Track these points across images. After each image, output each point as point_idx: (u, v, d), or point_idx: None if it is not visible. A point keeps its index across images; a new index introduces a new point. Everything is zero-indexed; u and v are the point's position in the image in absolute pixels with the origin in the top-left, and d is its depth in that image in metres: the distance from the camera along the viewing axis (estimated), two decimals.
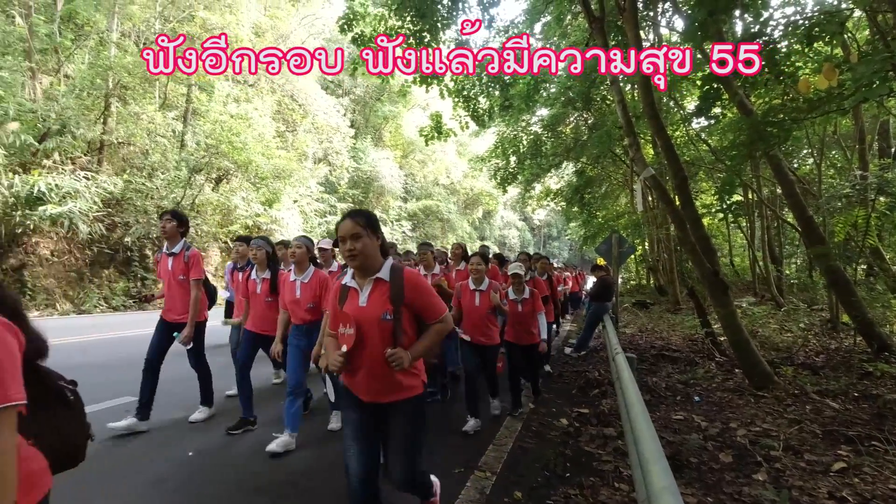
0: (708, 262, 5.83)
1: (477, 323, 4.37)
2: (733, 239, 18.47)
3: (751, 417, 4.54)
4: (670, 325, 11.04)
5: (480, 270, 4.34)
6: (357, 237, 2.06)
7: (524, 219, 56.41)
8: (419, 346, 2.11)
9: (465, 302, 4.44)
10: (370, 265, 2.12)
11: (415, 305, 2.14)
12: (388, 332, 2.05)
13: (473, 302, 4.37)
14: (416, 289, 2.14)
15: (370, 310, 2.08)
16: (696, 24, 5.42)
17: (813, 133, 9.67)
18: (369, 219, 2.13)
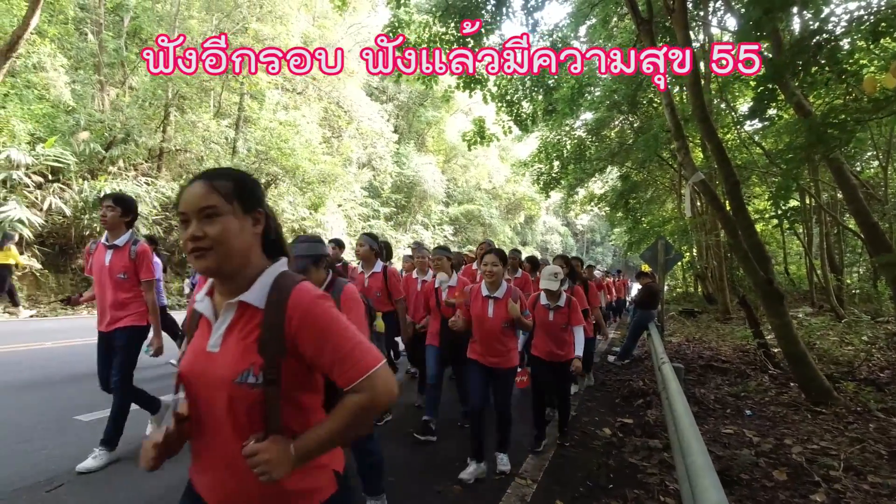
0: (761, 270, 5.58)
1: (488, 339, 3.48)
2: (789, 246, 17.58)
3: (807, 434, 4.32)
4: (719, 335, 10.62)
5: (496, 272, 3.47)
6: (210, 215, 1.05)
7: (567, 224, 55.61)
8: (316, 434, 1.03)
9: (475, 311, 3.55)
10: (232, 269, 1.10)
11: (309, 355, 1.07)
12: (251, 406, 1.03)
13: (486, 312, 3.47)
14: (313, 323, 1.05)
15: (221, 363, 1.06)
16: (751, 23, 5.23)
17: (879, 134, 9.12)
18: (239, 183, 1.13)
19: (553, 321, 4.01)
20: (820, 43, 5.20)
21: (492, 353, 3.50)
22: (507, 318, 3.43)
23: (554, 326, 4.02)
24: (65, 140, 12.02)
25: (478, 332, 3.54)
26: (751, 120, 9.01)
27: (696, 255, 17.06)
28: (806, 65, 5.41)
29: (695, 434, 2.31)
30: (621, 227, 22.06)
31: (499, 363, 3.50)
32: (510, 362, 3.54)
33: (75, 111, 12.53)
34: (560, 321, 4.00)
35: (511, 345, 3.57)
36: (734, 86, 10.48)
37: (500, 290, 3.52)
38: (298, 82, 21.36)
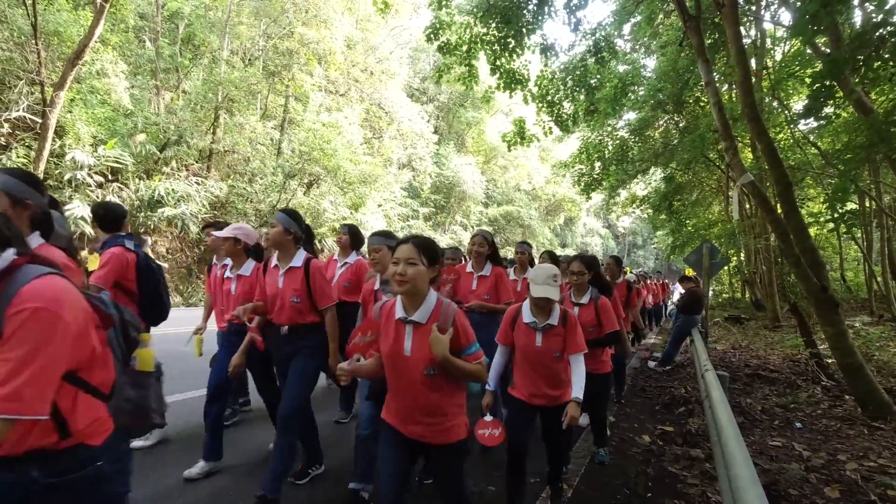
0: (815, 277, 5.32)
1: (407, 393, 2.00)
2: (846, 251, 16.68)
3: (863, 450, 4.10)
4: (768, 343, 10.18)
5: (408, 277, 1.91)
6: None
7: (608, 226, 54.54)
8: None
9: (385, 347, 2.03)
10: None
11: None
12: None
13: (401, 346, 1.97)
14: None
15: None
16: (807, 17, 5.00)
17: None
18: None
19: (541, 347, 2.71)
20: (883, 36, 4.92)
21: (412, 419, 2.00)
22: (429, 358, 1.89)
23: (542, 355, 2.72)
24: (123, 142, 12.71)
25: (392, 382, 2.04)
26: (805, 119, 8.61)
27: (744, 260, 16.41)
28: (867, 60, 5.13)
29: (739, 445, 2.24)
30: (664, 230, 21.47)
31: (426, 436, 2.00)
32: (450, 434, 2.01)
33: (133, 114, 13.26)
34: (552, 347, 2.70)
35: (450, 408, 2.01)
36: (788, 83, 10.01)
37: (423, 308, 1.95)
38: (341, 84, 21.84)
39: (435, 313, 1.96)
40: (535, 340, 2.73)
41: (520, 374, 2.84)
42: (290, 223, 2.95)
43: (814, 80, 5.93)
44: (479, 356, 1.96)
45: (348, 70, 21.81)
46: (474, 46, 9.23)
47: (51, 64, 11.64)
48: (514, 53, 9.14)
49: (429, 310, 1.96)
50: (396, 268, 1.88)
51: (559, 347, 2.70)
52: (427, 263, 1.93)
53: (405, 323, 1.95)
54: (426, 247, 1.96)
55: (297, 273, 2.95)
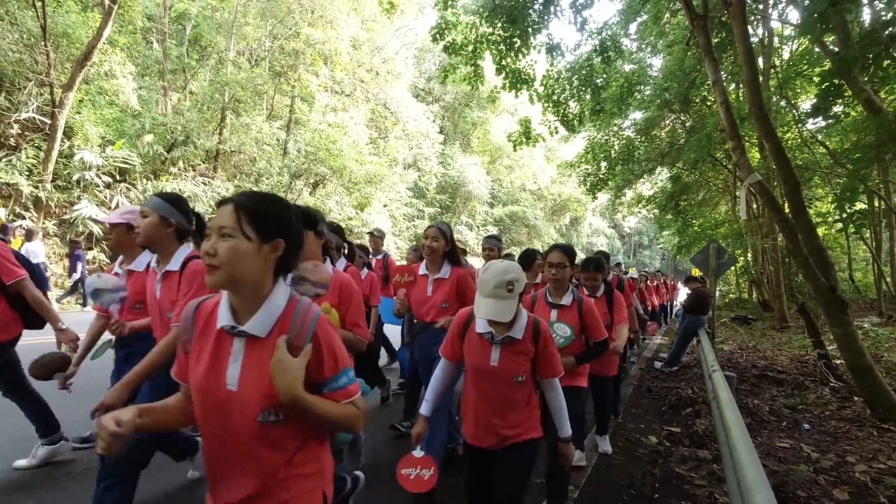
0: (823, 277, 5.28)
1: None
2: (855, 251, 16.56)
3: (873, 452, 4.06)
4: (775, 344, 10.12)
5: None
6: None
7: (614, 226, 54.34)
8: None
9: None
10: None
11: None
12: None
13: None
14: None
15: None
16: (816, 16, 4.96)
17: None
18: None
19: (497, 367, 1.97)
20: (893, 34, 4.88)
21: None
22: (267, 396, 1.10)
23: (498, 378, 1.99)
24: (131, 142, 12.80)
25: (214, 435, 1.22)
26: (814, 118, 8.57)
27: (751, 260, 16.32)
28: (877, 58, 5.09)
29: (747, 446, 2.23)
30: (670, 230, 21.39)
31: None
32: None
33: (141, 115, 13.35)
34: (513, 369, 1.97)
35: (294, 483, 1.19)
36: (796, 82, 9.95)
37: (264, 313, 1.14)
38: (347, 84, 21.88)
39: (283, 321, 1.15)
40: (489, 358, 1.95)
41: (467, 402, 2.09)
42: (168, 211, 2.18)
43: (822, 79, 5.90)
44: (351, 392, 1.19)
45: (354, 70, 21.86)
46: (480, 46, 9.23)
47: (60, 65, 11.74)
48: (519, 53, 9.14)
49: (272, 315, 1.14)
50: (206, 244, 1.11)
51: (523, 369, 1.95)
52: (261, 236, 1.09)
53: (232, 335, 1.14)
54: (257, 209, 1.11)
55: (175, 278, 2.15)
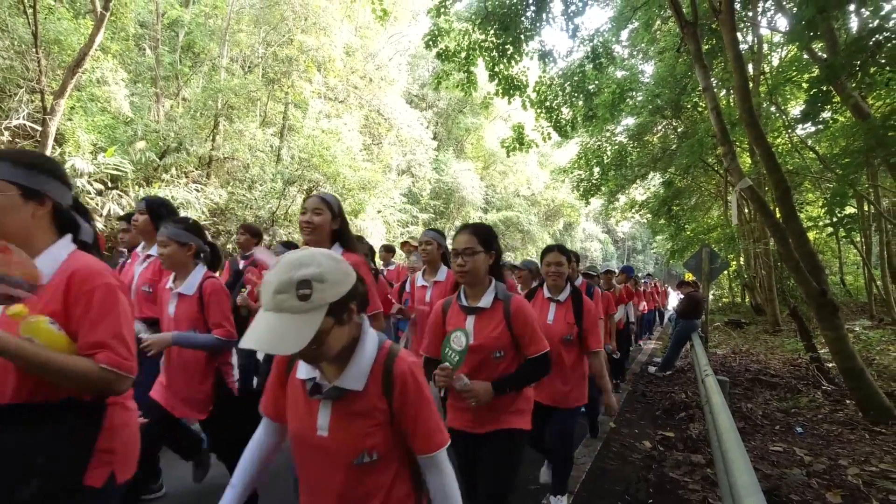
0: (814, 281, 5.33)
1: None
2: (845, 255, 16.70)
3: (865, 455, 4.09)
4: (768, 348, 10.17)
5: None
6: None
7: (607, 231, 54.52)
8: None
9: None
10: None
11: None
12: None
13: None
14: None
15: None
16: (803, 23, 5.03)
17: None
18: None
19: (327, 440, 1.21)
20: (880, 41, 4.95)
21: None
22: None
23: (330, 457, 1.22)
24: (123, 149, 12.72)
25: None
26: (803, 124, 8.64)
27: (744, 264, 16.43)
28: (864, 65, 5.16)
29: (740, 450, 2.23)
30: (663, 235, 21.50)
31: None
32: None
33: (133, 122, 13.28)
34: (347, 442, 1.20)
35: None
36: (785, 88, 10.07)
37: None
38: (340, 91, 21.89)
39: None
40: (313, 422, 1.22)
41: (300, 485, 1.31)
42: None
43: (811, 86, 5.97)
44: None
45: (347, 77, 21.87)
46: (473, 53, 9.27)
47: (51, 72, 11.68)
48: (512, 60, 9.19)
49: None
50: None
51: (372, 441, 1.20)
52: None
53: None
54: None
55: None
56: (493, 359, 2.02)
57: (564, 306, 2.90)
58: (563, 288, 2.94)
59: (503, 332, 2.03)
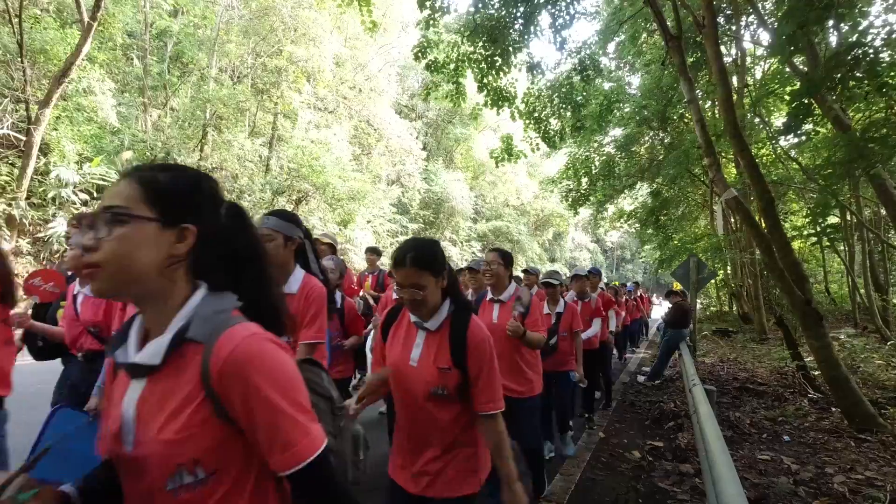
0: (799, 290, 5.40)
1: None
2: (829, 264, 16.93)
3: (851, 463, 4.12)
4: (755, 356, 10.25)
5: None
6: None
7: (596, 241, 54.89)
8: None
9: None
10: None
11: None
12: None
13: None
14: None
15: None
16: (785, 38, 5.14)
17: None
18: None
19: None
20: (858, 56, 5.07)
21: None
22: None
23: None
24: (109, 159, 12.61)
25: None
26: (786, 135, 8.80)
27: (731, 273, 16.60)
28: (843, 79, 5.28)
29: (726, 460, 2.24)
30: (652, 245, 21.69)
31: None
32: None
33: (120, 132, 13.18)
34: None
35: None
36: (768, 100, 10.26)
37: None
38: (330, 101, 21.94)
39: None
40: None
41: None
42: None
43: (792, 98, 6.08)
44: None
45: (337, 87, 21.94)
46: (461, 65, 9.34)
47: (37, 81, 11.58)
48: (500, 71, 9.27)
49: None
50: None
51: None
52: None
53: None
54: None
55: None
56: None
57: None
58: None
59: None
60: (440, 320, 1.69)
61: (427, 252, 1.66)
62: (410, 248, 1.65)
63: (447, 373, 1.62)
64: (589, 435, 5.06)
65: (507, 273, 3.07)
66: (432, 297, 1.66)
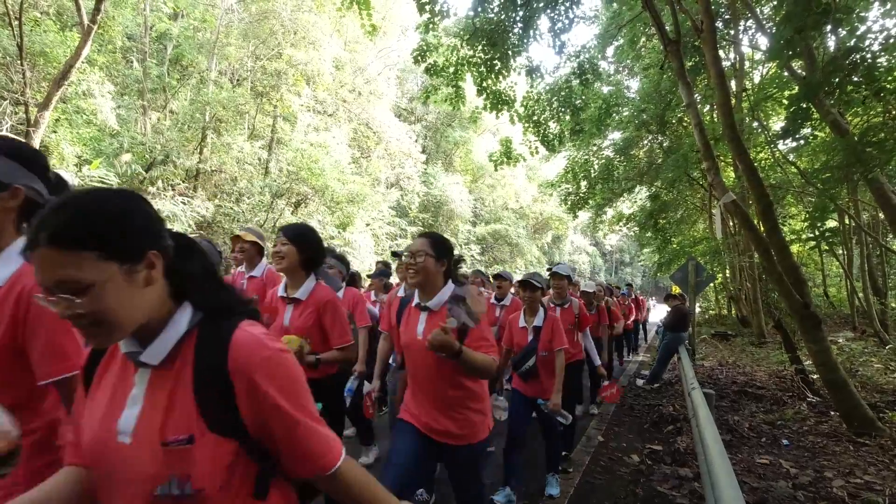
0: (797, 294, 5.40)
1: None
2: (828, 268, 16.96)
3: (849, 467, 4.12)
4: (754, 360, 10.26)
5: None
6: None
7: (595, 244, 54.99)
8: None
9: None
10: None
11: None
12: None
13: None
14: None
15: None
16: (783, 42, 5.16)
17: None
18: None
19: None
20: (855, 61, 5.10)
21: None
22: None
23: None
24: (109, 162, 12.61)
25: None
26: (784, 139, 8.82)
27: (729, 277, 16.61)
28: (841, 83, 5.30)
29: (724, 464, 2.24)
30: (651, 248, 21.70)
31: None
32: None
33: (119, 134, 13.19)
34: None
35: None
36: (766, 104, 10.29)
37: None
38: (329, 104, 21.97)
39: None
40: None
41: None
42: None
43: (791, 102, 6.11)
44: None
45: (336, 90, 21.98)
46: (461, 68, 9.37)
47: (36, 84, 11.57)
48: (500, 75, 9.29)
49: None
50: None
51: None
52: None
53: None
54: None
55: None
56: None
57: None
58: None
59: None
60: None
61: None
62: None
63: None
64: (588, 439, 5.05)
65: (440, 268, 2.12)
66: None
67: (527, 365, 3.29)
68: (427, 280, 2.09)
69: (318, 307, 2.43)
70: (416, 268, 2.05)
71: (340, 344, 2.44)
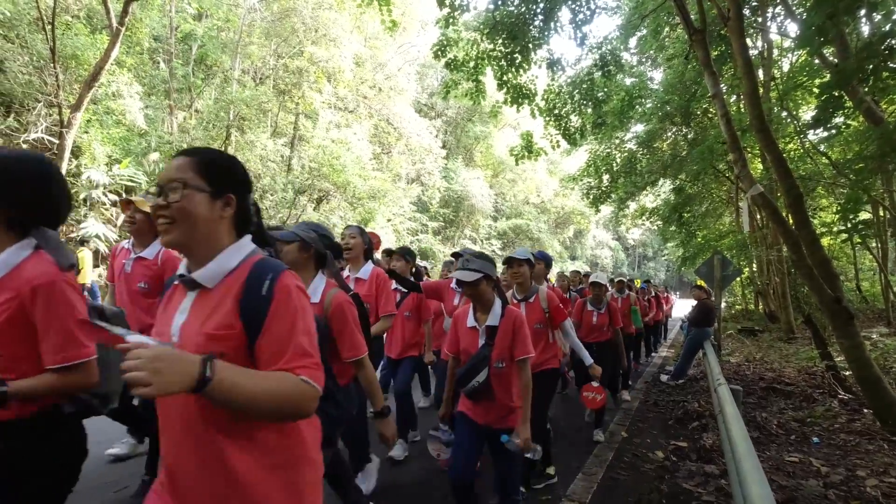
0: (828, 288, 5.25)
1: None
2: (861, 261, 16.43)
3: (884, 466, 4.00)
4: (783, 356, 10.02)
5: None
6: None
7: (618, 238, 54.26)
8: None
9: None
10: None
11: None
12: None
13: None
14: None
15: None
16: (813, 28, 5.00)
17: None
18: None
19: None
20: (892, 46, 4.91)
21: None
22: None
23: None
24: (137, 161, 12.95)
25: None
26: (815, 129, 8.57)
27: (757, 271, 16.23)
28: (876, 70, 5.11)
29: (753, 461, 2.20)
30: (674, 242, 21.32)
31: None
32: None
33: (147, 134, 13.53)
34: None
35: None
36: (796, 93, 9.99)
37: None
38: (350, 101, 22.12)
39: None
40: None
41: None
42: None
43: (822, 91, 5.91)
44: None
45: (357, 87, 22.11)
46: (481, 62, 9.33)
47: (68, 86, 11.94)
48: (520, 68, 9.22)
49: None
50: None
51: None
52: None
53: None
54: None
55: None
56: None
57: None
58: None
59: None
60: None
61: None
62: None
63: None
64: (612, 434, 5.02)
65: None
66: None
67: (476, 381, 2.36)
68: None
69: None
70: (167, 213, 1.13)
71: None
